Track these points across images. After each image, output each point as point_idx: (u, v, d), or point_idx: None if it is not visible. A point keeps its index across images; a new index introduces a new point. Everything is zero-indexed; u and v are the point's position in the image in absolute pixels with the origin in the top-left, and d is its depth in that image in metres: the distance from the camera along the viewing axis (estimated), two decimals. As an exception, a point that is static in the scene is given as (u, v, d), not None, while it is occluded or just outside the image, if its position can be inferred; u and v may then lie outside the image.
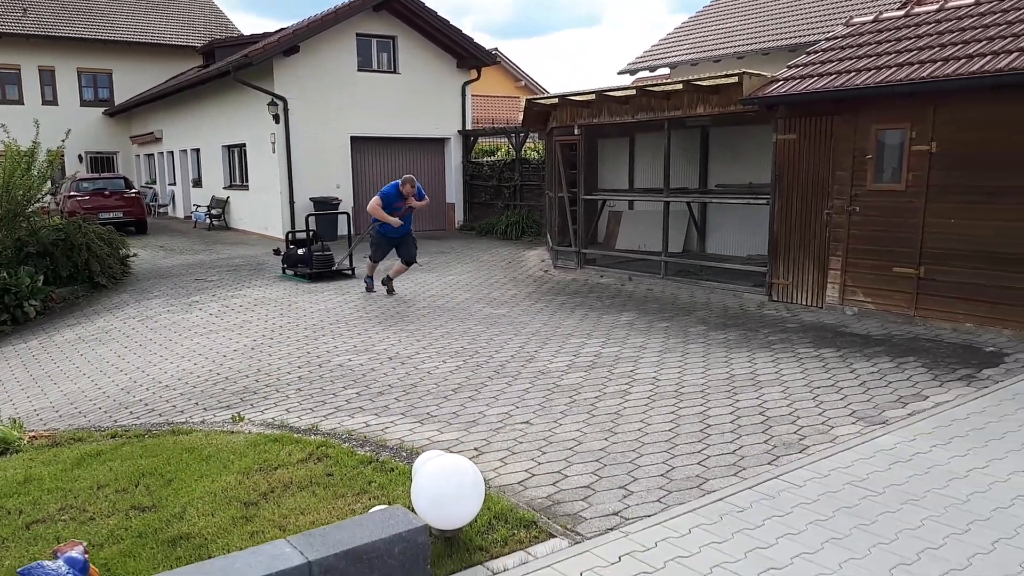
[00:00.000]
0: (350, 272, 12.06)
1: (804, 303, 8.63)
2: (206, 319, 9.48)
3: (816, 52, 8.85)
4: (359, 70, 17.48)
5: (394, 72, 18.05)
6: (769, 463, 4.30)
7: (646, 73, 20.98)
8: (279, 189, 16.91)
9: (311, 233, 12.49)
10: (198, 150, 22.01)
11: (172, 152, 24.29)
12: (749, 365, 6.38)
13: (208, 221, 20.38)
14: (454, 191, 19.06)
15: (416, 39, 18.07)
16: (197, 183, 22.50)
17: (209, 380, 6.78)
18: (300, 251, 12.18)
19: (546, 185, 13.87)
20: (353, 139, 17.52)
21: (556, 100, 11.85)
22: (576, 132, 11.60)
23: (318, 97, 16.87)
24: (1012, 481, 3.94)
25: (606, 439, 4.77)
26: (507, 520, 3.60)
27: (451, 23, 17.94)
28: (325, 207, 16.75)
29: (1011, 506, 3.66)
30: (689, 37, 20.29)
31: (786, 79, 8.42)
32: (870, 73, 7.62)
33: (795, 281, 8.73)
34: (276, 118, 16.49)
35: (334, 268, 12.00)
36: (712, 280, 10.14)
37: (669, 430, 4.89)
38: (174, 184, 24.78)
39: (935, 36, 7.79)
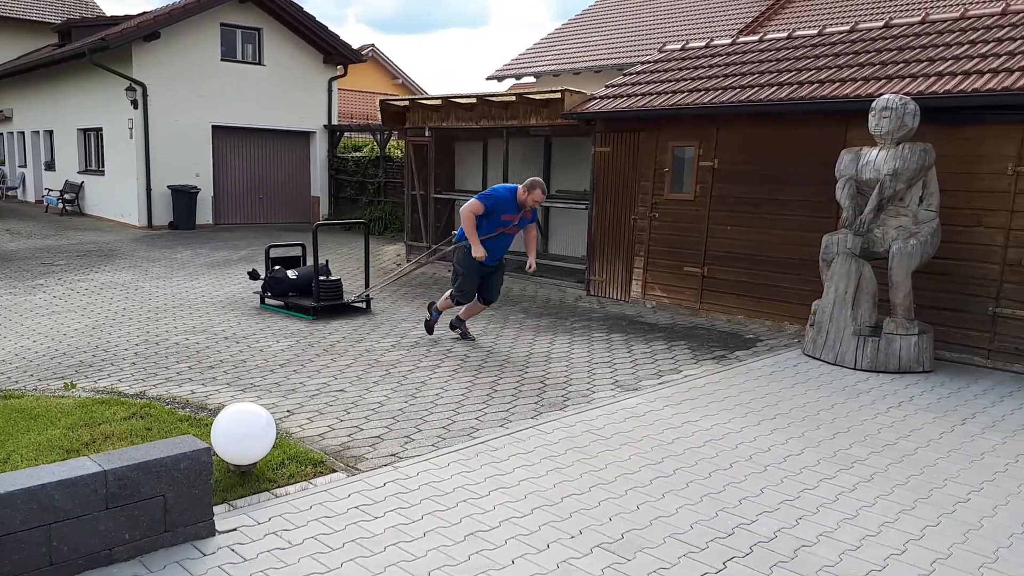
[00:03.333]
0: (363, 304, 8.96)
1: (614, 297, 9.78)
2: (49, 301, 9.62)
3: (631, 74, 10.02)
4: (223, 60, 17.59)
5: (259, 64, 18.24)
6: (532, 418, 5.22)
7: (512, 80, 22.08)
8: (136, 176, 16.78)
9: (315, 255, 8.68)
10: (51, 132, 21.28)
11: (24, 133, 23.30)
12: (548, 345, 7.36)
13: (61, 206, 19.79)
14: (319, 185, 19.42)
15: (282, 32, 18.33)
16: (50, 166, 21.73)
17: (47, 356, 7.09)
18: (292, 274, 9.01)
19: (406, 183, 14.59)
20: (215, 128, 17.60)
21: (408, 103, 12.59)
22: (427, 134, 12.38)
23: (179, 84, 16.87)
24: (713, 430, 5.02)
25: (406, 402, 5.56)
26: (298, 460, 4.32)
27: (317, 19, 18.32)
28: (183, 195, 16.78)
29: (703, 446, 4.72)
30: (553, 48, 21.48)
31: (602, 97, 9.52)
32: (668, 96, 8.81)
33: (608, 278, 9.87)
34: (134, 103, 16.38)
35: (346, 300, 8.83)
36: (545, 277, 11.17)
37: (462, 395, 5.74)
38: (25, 166, 23.75)
39: (724, 67, 9.07)
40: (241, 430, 3.98)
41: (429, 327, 7.52)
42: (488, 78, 21.83)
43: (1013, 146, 6.47)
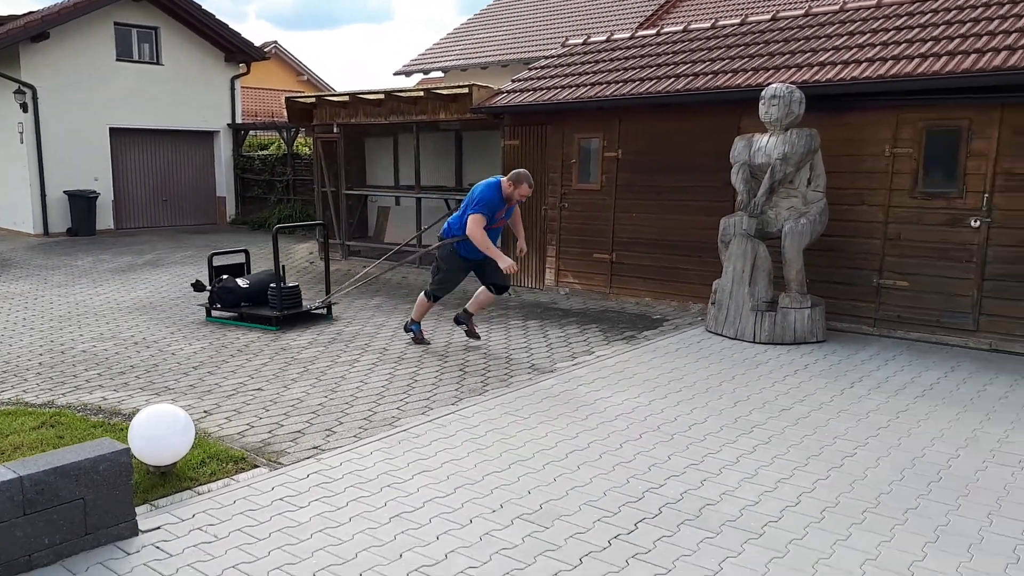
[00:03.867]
0: (324, 311, 8.47)
1: (529, 285, 10.00)
2: (-60, 315, 9.15)
3: (536, 68, 10.25)
4: (118, 60, 16.95)
5: (157, 63, 17.66)
6: (452, 404, 5.35)
7: (420, 75, 22.06)
8: (29, 182, 16.01)
9: (276, 259, 8.11)
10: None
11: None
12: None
13: (-56, 216, 18.65)
14: (225, 185, 18.96)
15: (181, 31, 17.79)
16: (-70, 174, 20.44)
17: (-58, 371, 6.79)
18: (243, 282, 8.38)
19: (316, 180, 14.45)
20: (113, 130, 16.95)
21: (315, 100, 12.48)
22: (336, 131, 12.32)
23: (72, 86, 16.17)
24: (624, 404, 5.27)
25: (326, 397, 5.61)
26: (219, 458, 4.33)
27: (216, 17, 17.86)
28: (80, 200, 16.12)
29: (615, 420, 4.95)
30: (460, 43, 21.56)
31: (509, 91, 9.71)
32: (572, 89, 9.07)
33: (523, 267, 10.07)
34: (24, 107, 15.62)
35: (307, 307, 8.29)
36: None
37: (382, 387, 5.83)
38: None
39: (624, 60, 9.39)
40: (159, 431, 3.97)
41: (418, 340, 7.17)
42: (396, 73, 21.77)
43: (889, 130, 6.99)
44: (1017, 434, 4.73)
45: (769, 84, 7.08)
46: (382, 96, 11.13)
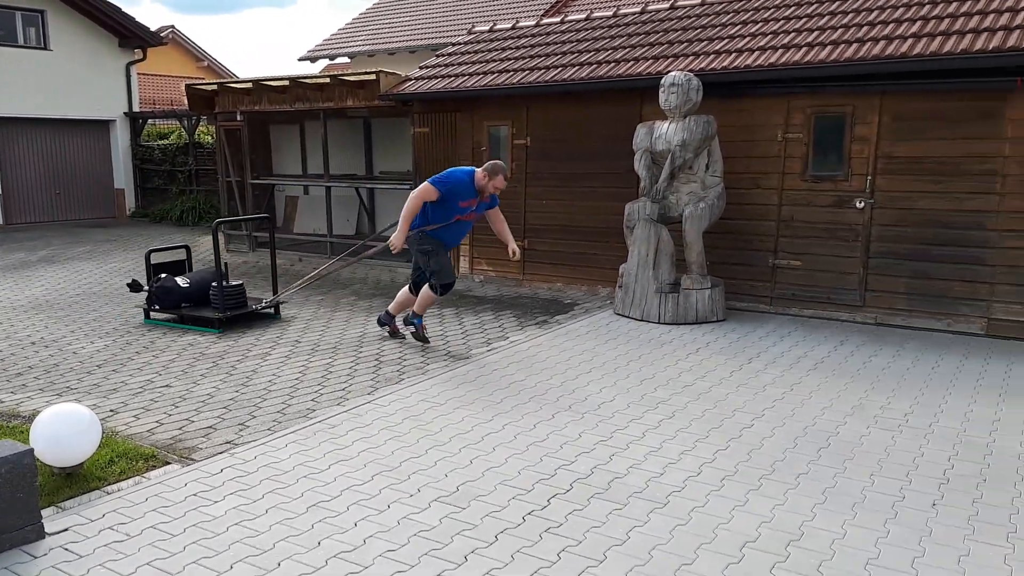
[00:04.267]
0: (273, 310, 7.90)
1: (443, 273, 10.04)
2: None
3: (444, 55, 10.27)
4: (1, 45, 15.98)
5: (45, 48, 16.73)
6: (369, 393, 5.38)
7: (327, 61, 21.63)
8: (-98, 175, 14.97)
9: (217, 257, 7.60)
10: None
11: None
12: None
13: None
14: (123, 176, 18.17)
15: (70, 14, 16.89)
16: None
17: None
18: (183, 281, 7.75)
19: (220, 169, 14.05)
20: (-3, 120, 16.01)
21: (217, 87, 12.13)
22: (239, 118, 12.01)
23: (-52, 72, 15.18)
24: (537, 387, 5.41)
25: (237, 391, 5.54)
26: (128, 457, 4.24)
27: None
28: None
29: (528, 402, 5.09)
30: (366, 28, 21.25)
31: (417, 79, 9.70)
32: (480, 77, 9.14)
33: (436, 254, 10.11)
34: None
35: (254, 308, 7.70)
36: (375, 259, 11.22)
37: (296, 379, 5.79)
38: None
39: (530, 48, 9.51)
40: (63, 431, 3.87)
41: (419, 336, 6.66)
42: (301, 59, 21.28)
43: (781, 116, 7.36)
44: (898, 401, 5.11)
45: (668, 72, 7.33)
46: (287, 83, 10.92)
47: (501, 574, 3.04)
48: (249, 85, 11.47)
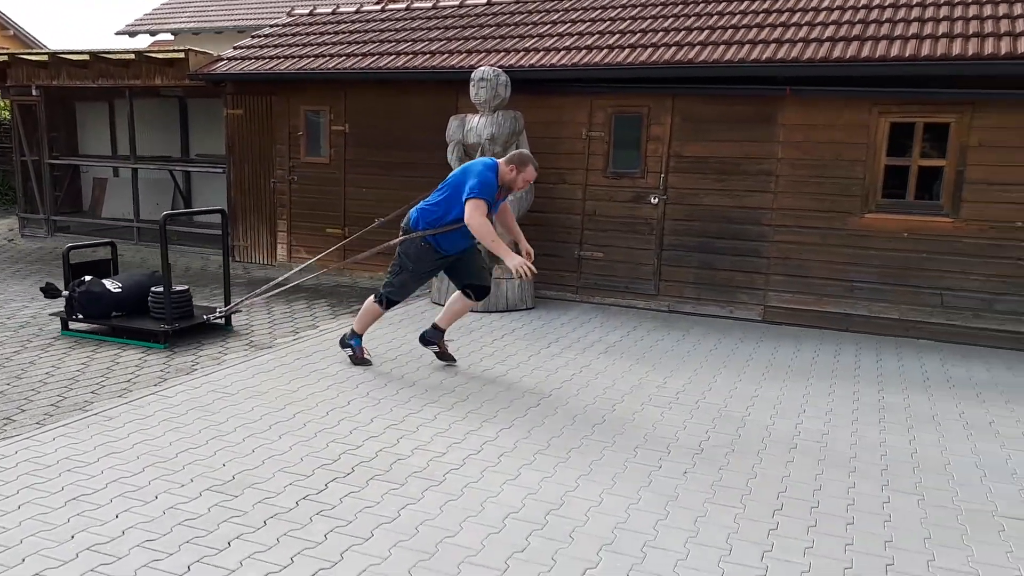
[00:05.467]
0: (221, 320, 6.76)
1: (260, 262, 9.77)
2: None
3: (260, 36, 9.95)
4: None
5: None
6: (155, 385, 5.17)
7: (148, 36, 20.28)
8: None
9: (164, 257, 6.39)
10: None
11: None
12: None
13: None
14: (-101, 152, 16.20)
15: None
16: None
17: None
18: (113, 285, 6.57)
19: (15, 148, 12.87)
20: None
21: (8, 58, 11.11)
22: (35, 93, 11.06)
23: None
24: (338, 375, 5.41)
25: (8, 384, 5.15)
26: None
27: None
28: None
29: (326, 390, 5.08)
30: (193, 4, 20.13)
31: (230, 59, 9.35)
32: (296, 60, 8.93)
33: (252, 243, 9.82)
34: None
35: (205, 318, 6.58)
36: (186, 245, 10.73)
37: (77, 371, 5.45)
38: None
39: (349, 34, 9.41)
40: None
41: (357, 360, 5.73)
42: (118, 33, 19.89)
43: (585, 114, 7.73)
44: (674, 380, 5.55)
45: (480, 66, 7.50)
46: (87, 57, 10.17)
47: (264, 557, 3.04)
48: (45, 58, 10.59)
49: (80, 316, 6.50)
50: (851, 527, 3.46)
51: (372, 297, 5.69)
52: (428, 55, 8.30)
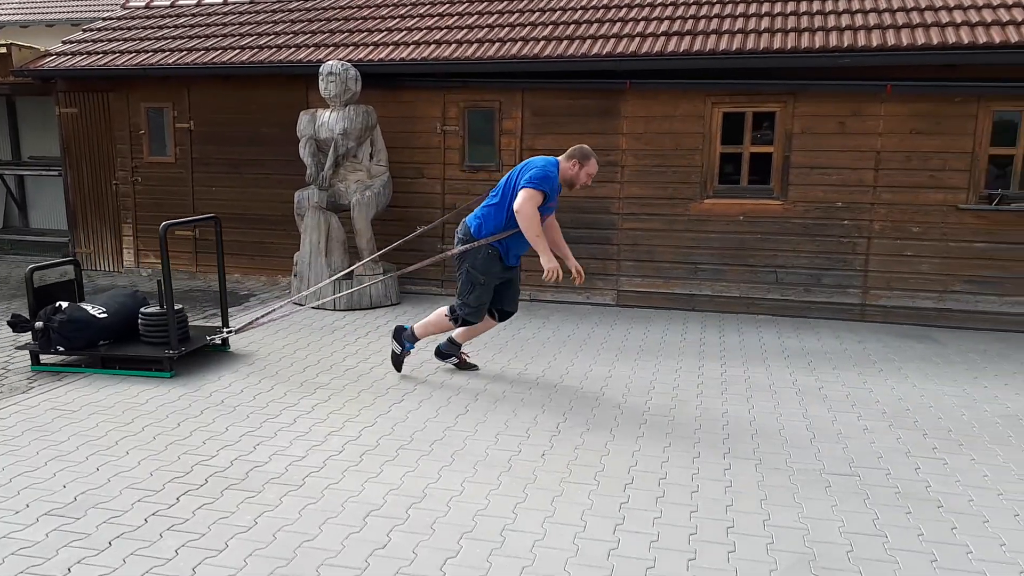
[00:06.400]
0: (221, 341, 6.00)
1: (106, 268, 9.23)
2: None
3: (92, 30, 9.35)
4: None
5: None
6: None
7: (-34, 28, 18.57)
8: None
9: (166, 273, 5.57)
10: None
11: None
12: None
13: None
14: None
15: None
16: None
17: None
18: (96, 311, 5.64)
19: None
20: None
21: None
22: None
23: None
24: (189, 384, 5.22)
25: None
26: None
27: None
28: None
29: (177, 400, 4.90)
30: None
31: (60, 54, 8.75)
32: (133, 55, 8.46)
33: (96, 248, 9.25)
34: None
35: (208, 340, 5.87)
36: (22, 254, 10.00)
37: None
38: None
39: (190, 28, 9.01)
40: None
41: (398, 362, 5.50)
42: (-73, 23, 18.05)
43: (438, 108, 7.77)
44: (534, 366, 5.72)
45: (328, 61, 7.38)
46: None
47: (109, 580, 2.93)
48: None
49: (61, 348, 5.60)
50: (695, 495, 3.71)
51: (446, 310, 5.30)
52: (275, 49, 8.08)
